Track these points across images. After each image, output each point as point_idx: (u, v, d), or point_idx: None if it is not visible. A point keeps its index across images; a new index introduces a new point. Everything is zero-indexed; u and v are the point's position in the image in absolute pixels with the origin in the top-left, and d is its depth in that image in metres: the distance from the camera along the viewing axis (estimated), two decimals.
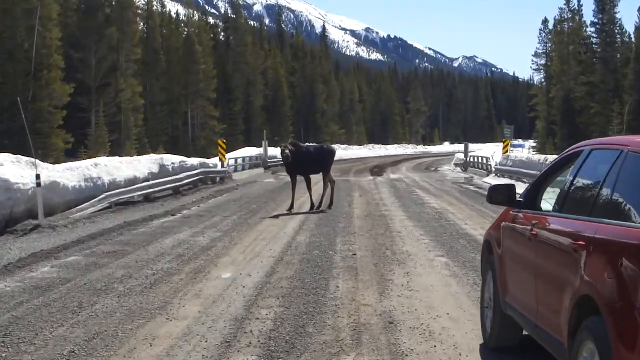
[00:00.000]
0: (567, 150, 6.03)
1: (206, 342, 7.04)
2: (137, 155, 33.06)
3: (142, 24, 67.50)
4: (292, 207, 19.47)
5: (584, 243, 4.55)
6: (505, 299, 6.35)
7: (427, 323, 7.69)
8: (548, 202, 5.96)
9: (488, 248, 7.05)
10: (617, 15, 74.70)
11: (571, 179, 5.42)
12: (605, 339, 4.06)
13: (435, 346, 6.88)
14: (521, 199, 6.31)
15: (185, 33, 74.31)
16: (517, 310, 6.01)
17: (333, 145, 30.33)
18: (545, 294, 5.29)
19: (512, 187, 6.39)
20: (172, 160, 26.38)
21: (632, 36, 75.70)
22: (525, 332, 6.30)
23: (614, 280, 4.05)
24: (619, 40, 75.13)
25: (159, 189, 23.59)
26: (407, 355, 6.59)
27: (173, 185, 25.00)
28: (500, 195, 6.41)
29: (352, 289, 9.38)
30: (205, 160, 33.01)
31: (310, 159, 20.29)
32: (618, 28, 74.64)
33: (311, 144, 28.53)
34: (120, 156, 27.45)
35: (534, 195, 6.22)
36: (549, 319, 5.14)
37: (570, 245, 4.76)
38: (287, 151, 19.67)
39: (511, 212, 6.43)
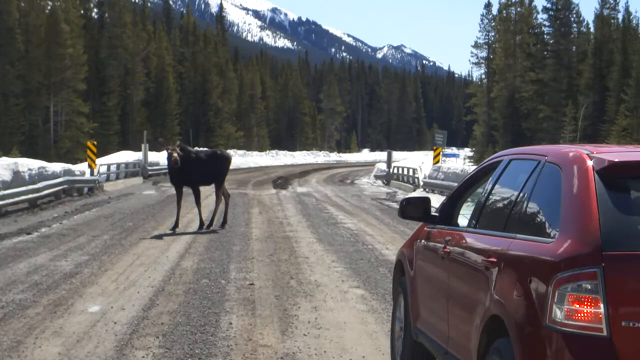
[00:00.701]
0: (486, 160, 6.52)
1: None
2: None
3: None
4: (176, 225, 19.46)
5: (495, 260, 5.08)
6: (417, 325, 6.75)
7: None
8: (465, 217, 6.31)
9: (400, 268, 7.48)
10: (574, 0, 75.90)
11: (488, 190, 5.92)
12: None
13: None
14: (436, 214, 6.66)
15: (49, 7, 73.20)
16: (429, 337, 6.38)
17: (228, 151, 30.42)
18: (456, 316, 5.73)
19: (426, 200, 6.88)
20: (28, 165, 25.99)
21: (591, 25, 77.00)
22: None
23: (522, 299, 4.56)
24: (575, 30, 76.40)
25: (10, 200, 23.22)
26: None
27: (29, 196, 24.65)
28: (413, 209, 6.83)
29: (248, 326, 9.54)
30: (70, 166, 32.61)
31: (200, 166, 20.27)
32: (575, 15, 75.74)
33: (202, 149, 28.56)
34: None
35: (450, 210, 6.72)
36: (460, 344, 5.60)
37: (482, 262, 5.30)
38: (175, 154, 19.55)
39: (425, 228, 6.77)
